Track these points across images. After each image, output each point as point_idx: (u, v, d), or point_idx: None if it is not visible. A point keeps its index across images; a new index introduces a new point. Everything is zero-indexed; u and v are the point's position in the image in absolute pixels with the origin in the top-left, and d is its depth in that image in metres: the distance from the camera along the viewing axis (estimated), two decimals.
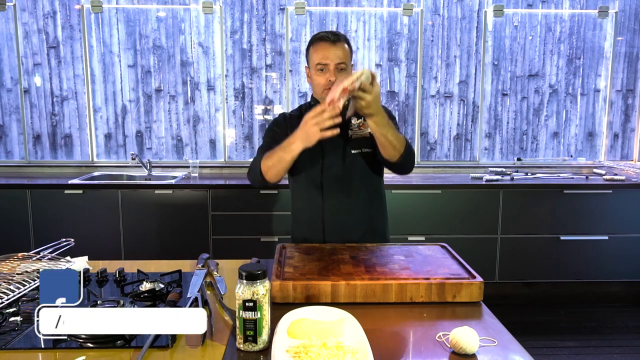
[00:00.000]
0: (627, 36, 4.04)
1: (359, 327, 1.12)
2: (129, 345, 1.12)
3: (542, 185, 3.53)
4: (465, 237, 3.50)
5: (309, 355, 1.03)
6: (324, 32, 1.81)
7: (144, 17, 3.89)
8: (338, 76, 1.75)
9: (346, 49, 1.79)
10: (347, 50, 1.80)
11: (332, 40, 1.77)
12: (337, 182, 1.83)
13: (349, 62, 1.81)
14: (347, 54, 1.79)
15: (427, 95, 4.03)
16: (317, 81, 1.79)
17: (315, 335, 1.10)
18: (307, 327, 1.15)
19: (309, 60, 1.83)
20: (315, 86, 1.82)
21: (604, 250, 3.56)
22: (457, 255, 1.58)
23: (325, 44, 1.77)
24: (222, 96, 3.97)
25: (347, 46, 1.80)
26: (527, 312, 3.52)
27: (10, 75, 3.92)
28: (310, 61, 1.81)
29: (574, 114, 4.12)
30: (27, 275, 1.40)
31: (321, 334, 1.11)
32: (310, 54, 1.81)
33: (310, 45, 1.82)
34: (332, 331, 1.13)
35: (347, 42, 1.81)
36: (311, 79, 1.83)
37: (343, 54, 1.77)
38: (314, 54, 1.79)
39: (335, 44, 1.77)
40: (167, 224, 3.46)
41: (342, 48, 1.78)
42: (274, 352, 1.03)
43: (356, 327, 1.13)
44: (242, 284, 1.09)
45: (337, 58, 1.76)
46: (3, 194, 3.44)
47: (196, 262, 1.65)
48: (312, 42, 1.82)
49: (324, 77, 1.76)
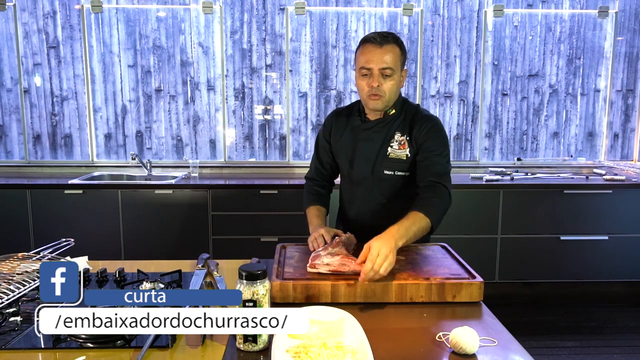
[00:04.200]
0: (627, 36, 4.04)
1: (359, 327, 1.12)
2: (129, 345, 1.12)
3: (542, 185, 3.53)
4: (465, 237, 3.50)
5: (309, 355, 1.03)
6: (373, 33, 1.69)
7: (144, 17, 3.89)
8: (381, 81, 1.65)
9: (396, 52, 1.66)
10: (397, 53, 1.66)
11: (379, 42, 1.64)
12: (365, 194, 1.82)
13: (398, 67, 1.67)
14: (396, 58, 1.66)
15: (427, 95, 4.03)
16: (360, 85, 1.69)
17: (315, 335, 1.10)
18: None
19: (356, 63, 1.73)
20: (359, 90, 1.72)
21: (604, 250, 3.55)
22: (457, 255, 1.58)
23: (371, 47, 1.65)
24: (222, 96, 3.97)
25: (397, 49, 1.67)
26: (527, 312, 3.52)
27: (10, 75, 3.92)
28: (356, 63, 1.71)
29: (574, 114, 4.12)
30: (27, 275, 1.40)
31: (321, 334, 1.11)
32: (357, 56, 1.71)
33: (358, 46, 1.72)
34: (332, 331, 1.13)
35: (398, 44, 1.68)
36: (357, 82, 1.73)
37: (391, 58, 1.64)
38: (360, 56, 1.68)
39: (382, 47, 1.64)
40: (167, 224, 3.46)
41: (391, 51, 1.64)
42: (274, 352, 1.03)
43: (356, 327, 1.13)
44: (242, 284, 1.09)
45: (383, 62, 1.63)
46: (3, 194, 3.43)
47: (196, 262, 1.65)
48: (360, 44, 1.71)
49: (367, 82, 1.66)
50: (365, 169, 1.79)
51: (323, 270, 1.40)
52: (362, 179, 1.81)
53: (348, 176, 1.87)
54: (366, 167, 1.78)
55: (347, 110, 1.87)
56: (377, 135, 1.76)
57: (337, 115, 1.88)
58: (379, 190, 1.79)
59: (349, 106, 1.89)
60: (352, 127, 1.82)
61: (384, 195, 1.79)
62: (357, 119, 1.81)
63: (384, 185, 1.78)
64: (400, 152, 1.74)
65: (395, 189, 1.78)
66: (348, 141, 1.82)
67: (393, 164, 1.74)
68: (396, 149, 1.74)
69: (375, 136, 1.76)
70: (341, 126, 1.84)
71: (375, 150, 1.76)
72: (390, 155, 1.74)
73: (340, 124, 1.84)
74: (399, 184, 1.77)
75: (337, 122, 1.85)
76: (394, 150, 1.74)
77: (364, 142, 1.78)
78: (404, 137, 1.74)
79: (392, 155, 1.74)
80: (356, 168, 1.81)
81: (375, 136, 1.76)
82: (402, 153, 1.73)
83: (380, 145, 1.76)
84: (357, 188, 1.84)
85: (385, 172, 1.76)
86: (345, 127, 1.83)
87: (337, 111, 1.91)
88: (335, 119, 1.87)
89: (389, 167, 1.75)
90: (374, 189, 1.80)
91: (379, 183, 1.78)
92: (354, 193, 1.86)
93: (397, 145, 1.74)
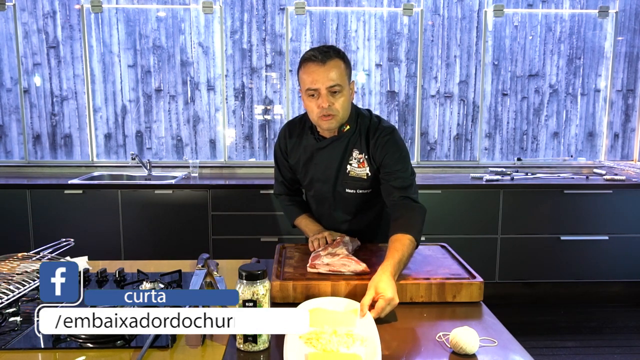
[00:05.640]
0: (628, 36, 4.04)
1: (370, 319, 1.16)
2: (129, 345, 1.12)
3: (542, 185, 3.53)
4: (465, 237, 3.50)
5: (320, 341, 1.08)
6: (312, 51, 1.56)
7: (144, 17, 3.89)
8: (331, 100, 1.55)
9: (340, 67, 1.55)
10: (342, 67, 1.56)
11: (321, 59, 1.52)
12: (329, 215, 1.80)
13: (345, 81, 1.57)
14: (342, 73, 1.55)
15: (427, 95, 4.03)
16: (310, 107, 1.58)
17: (328, 324, 1.14)
18: (321, 316, 1.19)
19: (300, 83, 1.61)
20: (309, 112, 1.62)
21: (604, 250, 3.55)
22: (457, 255, 1.58)
23: (313, 66, 1.53)
24: (222, 96, 3.97)
25: (341, 63, 1.56)
26: (527, 312, 3.52)
27: (10, 75, 3.92)
28: (301, 84, 1.59)
29: (574, 114, 4.12)
30: (27, 275, 1.40)
31: (334, 323, 1.16)
32: (300, 77, 1.59)
33: (299, 65, 1.59)
34: (345, 321, 1.18)
35: (340, 57, 1.57)
36: (304, 103, 1.62)
37: (336, 74, 1.53)
38: (303, 76, 1.57)
39: (325, 64, 1.52)
40: (167, 224, 3.46)
41: (335, 67, 1.54)
42: (287, 338, 1.06)
43: (368, 318, 1.17)
44: (242, 284, 1.09)
45: (329, 80, 1.53)
46: (3, 194, 3.43)
47: (196, 262, 1.65)
48: (300, 63, 1.59)
49: (316, 103, 1.55)
50: (326, 189, 1.73)
51: (323, 270, 1.40)
52: (323, 199, 1.77)
53: (310, 194, 1.82)
54: (326, 187, 1.73)
55: (300, 125, 1.76)
56: (334, 153, 1.68)
57: (290, 131, 1.77)
58: (343, 208, 1.76)
59: (302, 120, 1.77)
60: (305, 146, 1.72)
61: (348, 212, 1.77)
62: (310, 138, 1.71)
63: (348, 203, 1.75)
64: (360, 171, 1.67)
65: (358, 206, 1.75)
66: (305, 161, 1.74)
67: (354, 182, 1.69)
68: (355, 167, 1.67)
69: (333, 154, 1.68)
70: (295, 144, 1.75)
71: (334, 169, 1.69)
72: (350, 173, 1.68)
73: (295, 142, 1.75)
74: (362, 200, 1.73)
75: (291, 140, 1.76)
76: (354, 168, 1.68)
77: (321, 162, 1.71)
78: (362, 154, 1.66)
79: (352, 174, 1.68)
80: (316, 189, 1.75)
81: (332, 154, 1.68)
82: (362, 172, 1.67)
83: (339, 164, 1.69)
84: (321, 206, 1.80)
85: (347, 190, 1.70)
86: (299, 145, 1.74)
87: (289, 127, 1.78)
88: (289, 137, 1.76)
89: (351, 186, 1.70)
90: (337, 207, 1.76)
91: (342, 201, 1.75)
92: (317, 209, 1.83)
93: (356, 164, 1.67)
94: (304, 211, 1.85)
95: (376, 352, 1.01)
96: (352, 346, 1.07)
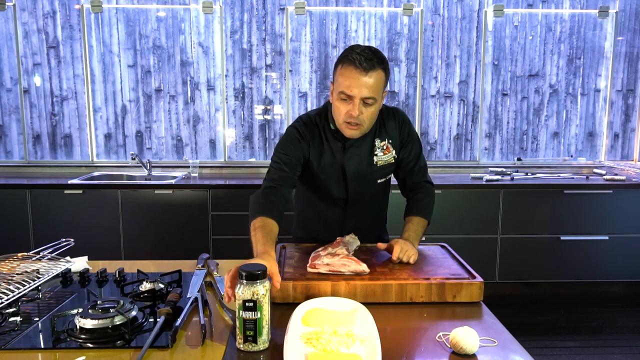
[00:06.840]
0: (628, 36, 4.04)
1: (370, 319, 1.16)
2: (128, 346, 1.12)
3: (542, 185, 3.53)
4: (465, 237, 3.50)
5: (320, 341, 1.08)
6: (357, 55, 1.47)
7: (144, 17, 3.89)
8: (362, 109, 1.50)
9: (380, 79, 1.50)
10: (382, 79, 1.50)
11: (364, 68, 1.46)
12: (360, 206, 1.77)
13: (381, 93, 1.52)
14: (380, 85, 1.50)
15: (427, 95, 4.03)
16: (338, 109, 1.54)
17: (328, 324, 1.15)
18: (321, 316, 1.19)
19: (334, 81, 1.55)
20: (335, 113, 1.57)
21: (604, 250, 3.55)
22: (457, 255, 1.58)
23: (355, 72, 1.47)
24: (222, 96, 3.97)
25: (382, 74, 1.50)
26: (527, 312, 3.52)
27: (10, 75, 3.92)
28: (336, 83, 1.54)
29: (574, 113, 4.12)
30: (26, 276, 1.40)
31: (334, 323, 1.16)
32: (337, 75, 1.53)
33: (339, 62, 1.52)
34: (345, 321, 1.18)
35: (383, 68, 1.50)
36: (332, 100, 1.57)
37: (374, 86, 1.48)
38: (339, 77, 1.51)
39: (367, 73, 1.46)
40: (167, 224, 3.46)
41: (375, 78, 1.48)
42: (287, 338, 1.06)
43: (368, 318, 1.17)
44: (242, 284, 1.09)
45: (366, 91, 1.48)
46: (3, 194, 3.43)
47: (196, 262, 1.65)
48: (342, 61, 1.51)
49: (346, 107, 1.51)
50: (361, 187, 1.72)
51: (323, 270, 1.40)
52: (357, 200, 1.74)
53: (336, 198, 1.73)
54: (361, 185, 1.72)
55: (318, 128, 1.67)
56: (361, 151, 1.67)
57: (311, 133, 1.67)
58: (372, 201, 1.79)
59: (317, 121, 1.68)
60: (332, 150, 1.67)
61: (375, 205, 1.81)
62: (335, 143, 1.66)
63: (377, 195, 1.78)
64: (387, 157, 1.70)
65: (382, 193, 1.79)
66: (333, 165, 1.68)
67: (383, 170, 1.72)
68: (382, 155, 1.69)
69: (360, 152, 1.67)
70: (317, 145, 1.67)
71: (365, 165, 1.69)
72: (378, 163, 1.69)
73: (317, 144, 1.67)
74: (384, 185, 1.77)
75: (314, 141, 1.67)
76: (381, 157, 1.69)
77: (351, 162, 1.67)
78: (385, 141, 1.69)
79: (381, 163, 1.70)
80: (352, 189, 1.71)
81: (359, 152, 1.67)
82: (389, 157, 1.70)
83: (367, 159, 1.69)
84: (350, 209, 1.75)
85: (378, 181, 1.73)
86: (322, 148, 1.67)
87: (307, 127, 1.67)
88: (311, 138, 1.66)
89: (381, 175, 1.72)
90: (369, 202, 1.78)
91: (371, 196, 1.76)
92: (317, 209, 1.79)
93: (381, 152, 1.69)
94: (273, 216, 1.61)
95: (376, 352, 1.01)
96: (352, 346, 1.07)
